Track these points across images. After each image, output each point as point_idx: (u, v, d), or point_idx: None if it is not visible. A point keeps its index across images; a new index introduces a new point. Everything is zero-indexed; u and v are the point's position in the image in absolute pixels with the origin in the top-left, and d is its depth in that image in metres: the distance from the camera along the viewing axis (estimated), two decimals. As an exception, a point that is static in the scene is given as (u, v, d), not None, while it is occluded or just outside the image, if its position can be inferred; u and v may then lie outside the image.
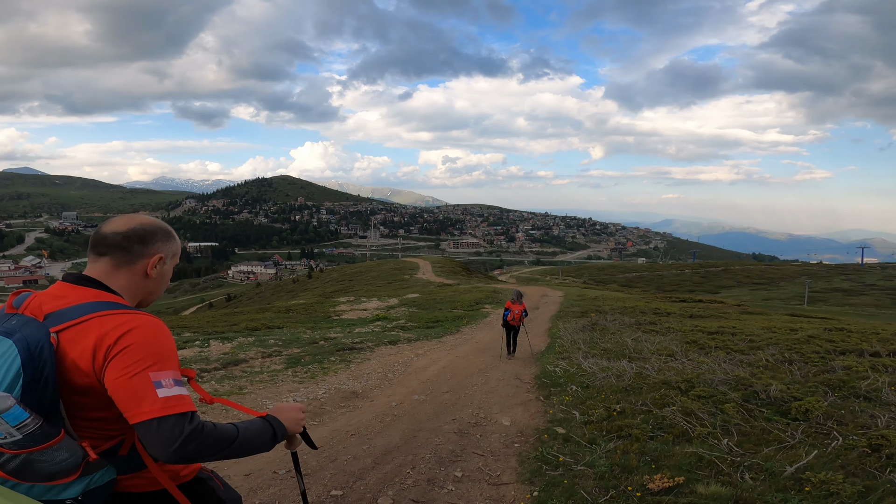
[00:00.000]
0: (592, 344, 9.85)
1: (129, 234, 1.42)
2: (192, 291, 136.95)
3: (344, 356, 9.01)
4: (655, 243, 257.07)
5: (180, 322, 14.43)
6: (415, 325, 13.74)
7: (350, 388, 6.91)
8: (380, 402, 6.30)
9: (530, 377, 7.78)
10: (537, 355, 9.60)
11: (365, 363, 8.64)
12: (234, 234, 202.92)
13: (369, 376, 7.73)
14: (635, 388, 6.09)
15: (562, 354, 9.03)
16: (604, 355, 8.53)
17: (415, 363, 8.77)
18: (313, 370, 8.00)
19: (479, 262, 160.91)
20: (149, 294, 1.48)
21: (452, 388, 7.14)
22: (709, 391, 5.58)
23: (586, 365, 7.73)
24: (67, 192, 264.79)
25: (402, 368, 8.40)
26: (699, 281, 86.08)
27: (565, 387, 6.64)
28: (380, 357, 9.26)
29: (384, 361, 8.85)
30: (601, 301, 21.69)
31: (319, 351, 9.37)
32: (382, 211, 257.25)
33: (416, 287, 33.61)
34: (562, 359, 8.57)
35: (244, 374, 7.61)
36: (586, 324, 13.24)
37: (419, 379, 7.69)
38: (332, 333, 11.69)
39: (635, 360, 7.89)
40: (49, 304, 1.30)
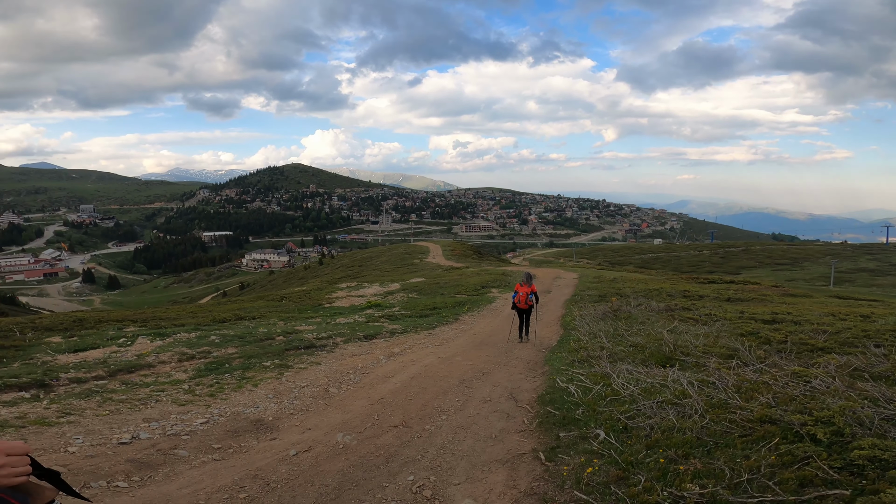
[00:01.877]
0: (618, 337, 8.19)
1: None
2: (207, 280, 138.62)
3: (288, 359, 7.68)
4: (671, 224, 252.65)
5: (140, 315, 13.10)
6: (408, 313, 12.51)
7: (254, 414, 5.23)
8: (280, 446, 4.46)
9: (531, 396, 5.93)
10: (546, 352, 8.03)
11: (309, 369, 7.18)
12: (248, 222, 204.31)
13: (301, 392, 6.17)
14: (717, 433, 3.43)
15: (578, 354, 7.31)
16: (636, 355, 6.80)
17: (378, 369, 7.26)
18: (226, 381, 6.53)
19: (492, 246, 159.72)
20: None
21: (409, 417, 5.30)
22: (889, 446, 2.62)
23: (617, 378, 5.63)
24: (84, 185, 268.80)
25: (355, 378, 6.89)
26: (718, 261, 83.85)
27: (585, 428, 4.17)
28: (337, 360, 7.79)
29: (338, 366, 7.40)
30: (621, 283, 20.00)
31: (263, 351, 8.02)
32: (394, 196, 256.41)
33: (423, 271, 32.62)
34: (579, 362, 6.86)
35: (120, 388, 6.17)
36: (607, 310, 11.59)
37: (370, 397, 5.96)
38: (305, 326, 10.49)
39: (689, 368, 5.92)
40: None
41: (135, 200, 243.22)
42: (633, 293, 15.29)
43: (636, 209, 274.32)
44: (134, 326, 10.46)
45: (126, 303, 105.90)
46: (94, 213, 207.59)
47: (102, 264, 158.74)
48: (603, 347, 7.54)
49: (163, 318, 11.54)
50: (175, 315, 12.19)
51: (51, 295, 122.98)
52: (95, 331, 9.80)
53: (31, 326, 10.06)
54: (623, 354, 7.04)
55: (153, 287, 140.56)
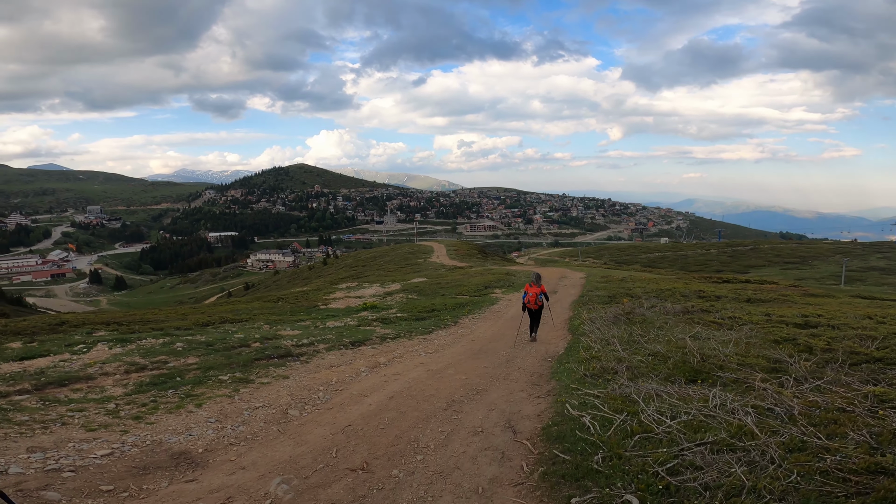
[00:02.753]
0: (633, 345, 7.36)
1: None
2: (212, 281, 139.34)
3: (253, 371, 6.83)
4: (678, 223, 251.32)
5: (129, 317, 12.57)
6: (404, 315, 11.98)
7: (180, 444, 4.35)
8: (192, 492, 3.53)
9: (533, 426, 4.92)
10: (553, 362, 7.29)
11: (273, 385, 6.28)
12: (253, 223, 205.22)
13: (253, 415, 5.26)
14: (812, 498, 2.51)
15: (590, 365, 6.50)
16: (658, 368, 5.98)
17: (354, 385, 6.41)
18: (165, 399, 5.71)
19: (497, 245, 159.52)
20: None
21: (374, 455, 4.31)
22: None
23: (644, 405, 4.59)
24: (91, 186, 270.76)
25: (323, 397, 6.07)
26: (726, 260, 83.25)
27: (608, 488, 3.09)
28: (311, 372, 6.93)
29: (308, 381, 6.56)
30: (630, 283, 19.17)
31: (227, 361, 7.22)
32: (399, 196, 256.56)
33: (426, 271, 32.70)
34: (592, 377, 6.08)
35: (34, 405, 5.31)
36: (619, 313, 10.68)
37: (334, 424, 5.02)
38: (289, 330, 9.80)
39: (728, 385, 5.07)
40: None
41: (141, 201, 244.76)
42: (644, 294, 14.51)
43: (642, 208, 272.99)
44: (106, 331, 9.84)
45: (132, 303, 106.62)
46: (102, 214, 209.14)
47: (109, 265, 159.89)
48: (620, 359, 6.63)
49: (150, 321, 11.41)
50: (164, 317, 12.17)
51: (58, 296, 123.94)
52: (63, 335, 9.22)
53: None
54: (643, 367, 6.18)
55: (159, 287, 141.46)
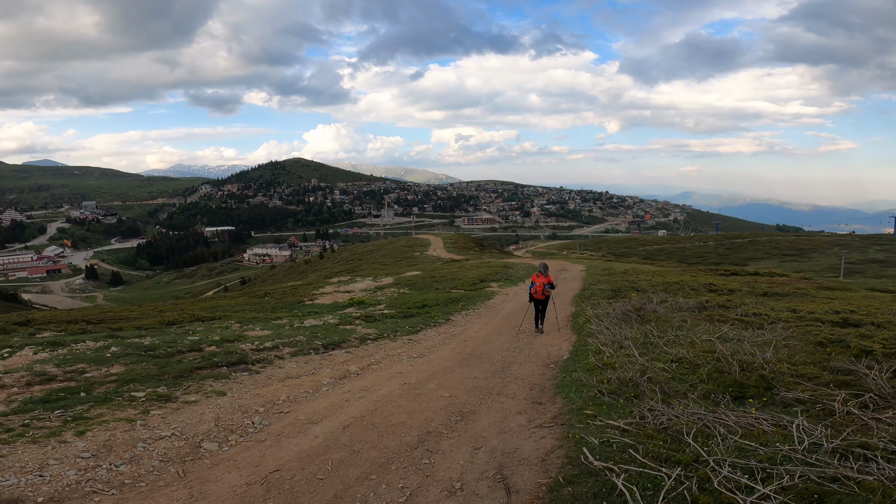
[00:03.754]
0: (651, 348, 6.39)
1: None
2: (209, 276, 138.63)
3: (184, 384, 5.68)
4: (675, 215, 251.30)
5: (100, 314, 11.54)
6: (392, 312, 11.10)
7: (13, 492, 3.44)
8: None
9: (535, 479, 3.61)
10: (557, 370, 6.26)
11: (200, 404, 5.17)
12: (250, 217, 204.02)
13: (149, 449, 4.09)
14: None
15: (603, 376, 5.52)
16: (686, 378, 5.02)
17: (306, 406, 5.25)
18: (43, 423, 4.58)
19: (495, 238, 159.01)
20: None
21: None
22: None
23: (701, 449, 3.52)
24: (87, 182, 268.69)
25: (259, 423, 4.88)
26: (724, 253, 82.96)
27: None
28: (257, 386, 5.82)
29: (249, 399, 5.42)
30: (634, 276, 18.16)
31: (159, 371, 6.11)
32: (396, 190, 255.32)
33: (422, 264, 32.05)
34: (610, 394, 4.98)
35: None
36: (628, 309, 9.55)
37: (257, 467, 3.84)
38: (258, 331, 8.72)
39: (791, 406, 4.16)
40: None
41: (137, 197, 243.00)
42: (650, 287, 13.58)
43: (639, 201, 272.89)
44: (54, 331, 8.92)
45: (128, 299, 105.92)
46: (97, 210, 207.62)
47: (105, 261, 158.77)
48: (642, 369, 5.56)
49: (122, 318, 10.90)
50: (139, 315, 11.53)
51: (54, 292, 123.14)
52: (5, 336, 8.47)
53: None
54: (669, 379, 5.19)
55: (156, 283, 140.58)
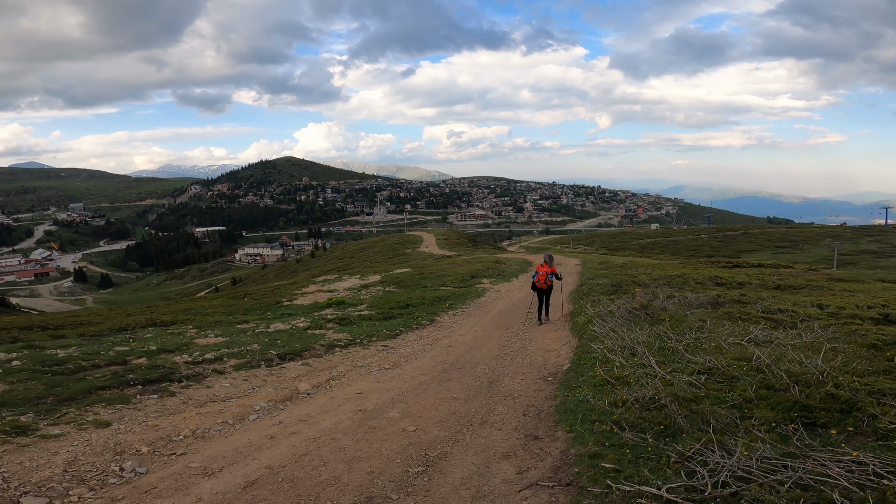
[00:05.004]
0: (671, 355, 5.32)
1: None
2: (200, 276, 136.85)
3: (58, 411, 4.54)
4: (667, 209, 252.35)
5: (62, 320, 10.48)
6: (372, 313, 10.13)
7: None
8: None
9: None
10: (557, 387, 5.07)
11: (62, 440, 4.12)
12: (241, 217, 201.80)
13: None
14: None
15: (616, 395, 4.45)
16: (725, 396, 3.99)
17: (211, 444, 4.16)
18: None
19: (488, 234, 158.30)
20: None
21: None
22: None
23: None
24: (74, 183, 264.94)
25: (126, 473, 3.75)
26: (717, 245, 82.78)
27: None
28: (161, 414, 4.68)
29: (135, 434, 4.33)
30: (633, 270, 17.16)
31: (44, 392, 4.98)
32: (388, 187, 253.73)
33: (413, 261, 31.03)
34: (631, 428, 3.85)
35: None
36: (634, 307, 8.48)
37: None
38: (211, 338, 7.67)
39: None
40: None
41: (126, 198, 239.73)
42: (652, 281, 12.68)
43: (631, 195, 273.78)
44: None
45: (118, 301, 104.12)
46: (85, 212, 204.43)
47: (94, 263, 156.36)
48: (666, 383, 4.39)
49: (83, 323, 9.97)
50: (102, 319, 10.60)
51: (42, 295, 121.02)
52: None
53: None
54: (700, 398, 4.02)
55: (146, 285, 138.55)
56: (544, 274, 9.66)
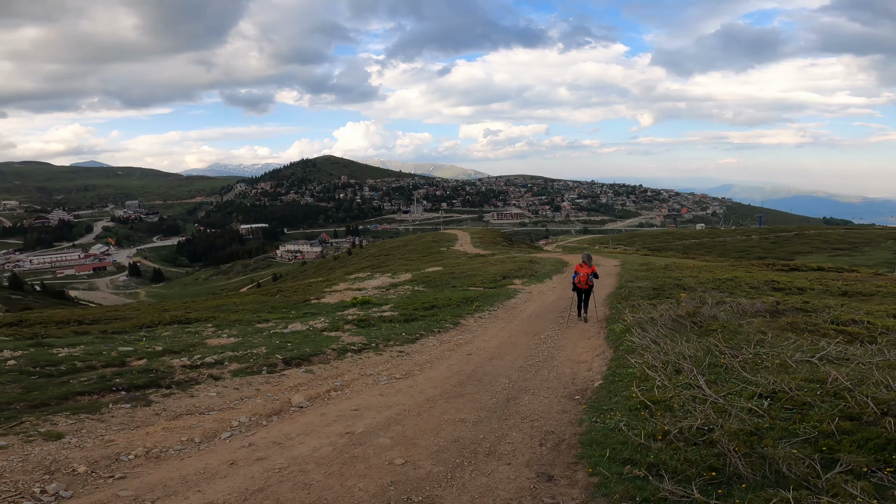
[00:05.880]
0: (722, 373, 4.58)
1: None
2: (244, 272, 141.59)
3: (11, 422, 4.27)
4: (713, 209, 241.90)
5: (99, 315, 10.60)
6: (396, 314, 9.60)
7: None
8: None
9: None
10: (584, 410, 4.33)
11: None
12: (283, 214, 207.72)
13: None
14: None
15: (655, 424, 3.71)
16: (800, 431, 3.26)
17: (159, 470, 3.63)
18: None
19: (524, 233, 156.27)
20: None
21: None
22: None
23: None
24: (129, 182, 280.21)
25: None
26: (769, 247, 78.21)
27: None
28: (123, 427, 4.27)
29: (69, 453, 3.83)
30: (677, 272, 15.82)
31: (17, 398, 4.67)
32: (424, 185, 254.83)
33: (446, 259, 30.63)
34: (674, 480, 3.07)
35: None
36: (679, 314, 7.50)
37: None
38: (222, 339, 7.38)
39: None
40: None
41: (177, 195, 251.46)
42: (698, 285, 11.69)
43: (675, 194, 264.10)
44: (6, 335, 8.15)
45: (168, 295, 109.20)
46: (140, 209, 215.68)
47: (147, 258, 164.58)
48: (719, 410, 3.66)
49: (118, 318, 10.08)
50: (132, 315, 10.70)
51: (99, 288, 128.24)
52: None
53: None
54: (765, 430, 3.33)
55: (194, 279, 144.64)
56: (585, 275, 9.84)
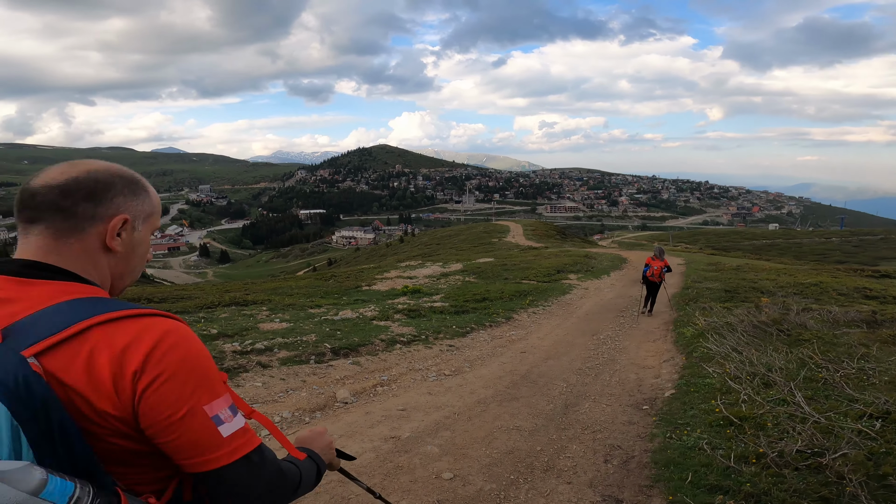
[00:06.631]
0: (827, 392, 3.94)
1: (68, 188, 0.87)
2: (301, 256, 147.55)
3: None
4: (789, 208, 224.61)
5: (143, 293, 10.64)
6: (446, 305, 9.39)
7: None
8: None
9: None
10: (654, 418, 3.90)
11: None
12: (339, 201, 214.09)
13: None
14: None
15: (741, 442, 3.29)
16: None
17: None
18: None
19: (578, 227, 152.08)
20: (118, 277, 0.96)
21: None
22: None
23: None
24: (202, 167, 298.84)
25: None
26: (851, 251, 71.48)
27: None
28: None
29: None
30: (752, 274, 14.47)
31: None
32: (477, 176, 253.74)
33: (497, 251, 30.11)
34: None
35: None
36: (759, 321, 6.49)
37: None
38: (275, 323, 7.35)
39: None
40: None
41: (244, 181, 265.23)
42: (778, 289, 10.79)
43: (745, 192, 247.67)
44: None
45: (233, 275, 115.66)
46: (211, 193, 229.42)
47: (216, 240, 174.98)
48: (824, 431, 3.22)
49: (183, 298, 10.51)
50: (199, 294, 11.13)
51: (173, 267, 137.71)
52: None
53: None
54: (882, 455, 2.90)
55: (256, 261, 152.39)
56: (658, 268, 9.89)
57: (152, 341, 0.82)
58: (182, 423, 0.83)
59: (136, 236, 0.96)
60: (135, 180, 0.96)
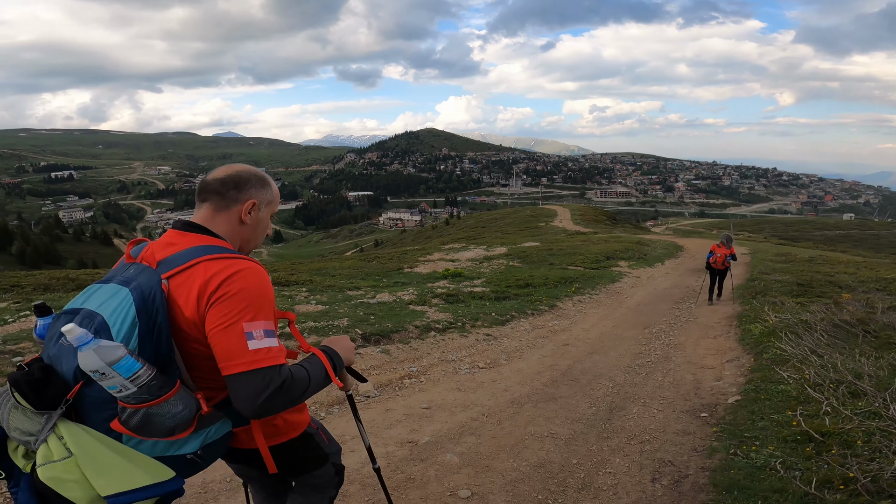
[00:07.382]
0: None
1: (225, 181, 1.41)
2: (349, 237, 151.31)
3: None
4: (867, 198, 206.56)
5: None
6: (487, 290, 8.89)
7: None
8: None
9: None
10: (715, 429, 3.33)
11: None
12: (387, 183, 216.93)
13: None
14: None
15: (827, 464, 2.65)
16: None
17: None
18: None
19: (630, 213, 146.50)
20: (246, 241, 1.46)
21: None
22: None
23: None
24: (259, 151, 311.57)
25: None
26: (939, 243, 64.65)
27: None
28: None
29: None
30: (827, 266, 13.23)
31: None
32: (525, 160, 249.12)
33: (543, 235, 29.28)
34: None
35: None
36: (841, 319, 5.72)
37: None
38: (311, 305, 7.09)
39: None
40: (161, 251, 1.29)
41: (296, 164, 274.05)
42: (857, 284, 9.84)
43: (818, 180, 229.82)
44: None
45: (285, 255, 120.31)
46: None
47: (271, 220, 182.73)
48: None
49: None
50: None
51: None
52: None
53: None
54: None
55: (307, 242, 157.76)
56: (722, 255, 9.64)
57: (231, 272, 1.21)
58: (224, 332, 1.17)
59: (260, 215, 1.45)
60: (262, 177, 1.47)
